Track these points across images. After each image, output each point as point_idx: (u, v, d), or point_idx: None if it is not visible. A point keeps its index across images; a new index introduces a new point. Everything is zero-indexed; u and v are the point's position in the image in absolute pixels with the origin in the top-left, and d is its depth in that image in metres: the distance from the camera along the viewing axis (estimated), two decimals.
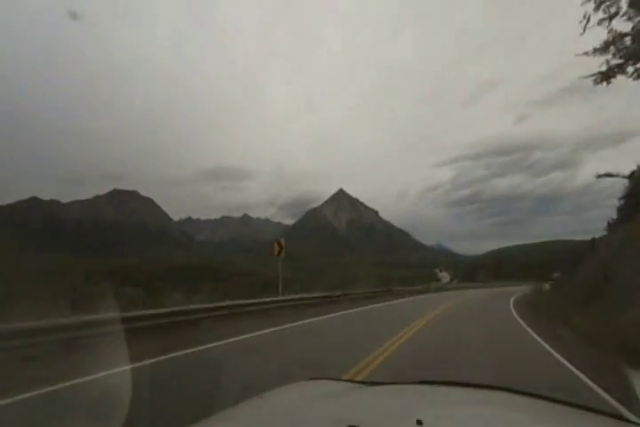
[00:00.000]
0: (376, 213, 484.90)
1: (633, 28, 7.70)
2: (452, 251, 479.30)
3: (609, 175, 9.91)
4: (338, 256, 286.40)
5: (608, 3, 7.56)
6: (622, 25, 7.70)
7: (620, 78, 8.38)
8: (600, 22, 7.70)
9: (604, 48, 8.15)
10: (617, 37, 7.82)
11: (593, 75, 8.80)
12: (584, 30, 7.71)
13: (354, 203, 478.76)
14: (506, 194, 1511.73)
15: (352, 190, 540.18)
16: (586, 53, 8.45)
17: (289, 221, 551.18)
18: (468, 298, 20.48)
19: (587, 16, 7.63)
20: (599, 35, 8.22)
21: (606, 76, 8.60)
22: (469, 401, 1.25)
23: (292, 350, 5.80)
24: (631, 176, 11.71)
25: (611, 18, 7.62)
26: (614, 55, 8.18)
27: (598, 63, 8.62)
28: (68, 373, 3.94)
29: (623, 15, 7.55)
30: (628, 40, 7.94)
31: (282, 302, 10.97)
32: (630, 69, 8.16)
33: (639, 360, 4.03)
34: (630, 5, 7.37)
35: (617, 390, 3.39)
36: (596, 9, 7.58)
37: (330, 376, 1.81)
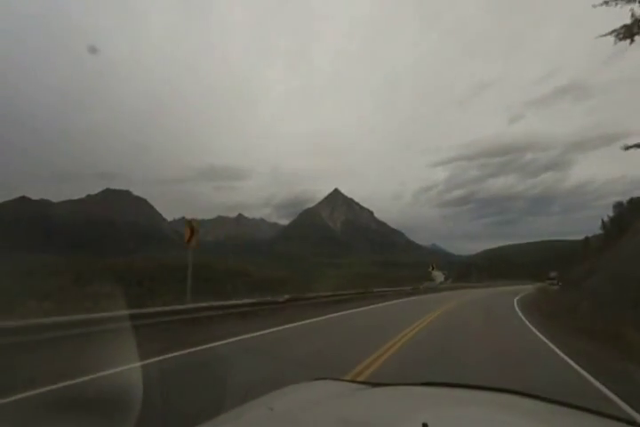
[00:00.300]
0: (371, 213, 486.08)
1: None
2: (446, 251, 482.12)
3: None
4: (333, 256, 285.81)
5: None
6: None
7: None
8: None
9: None
10: None
11: (614, 31, 7.39)
12: None
13: (349, 203, 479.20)
14: (499, 194, 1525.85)
15: (347, 190, 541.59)
16: (606, 3, 7.13)
17: (284, 222, 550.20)
18: (464, 302, 17.04)
19: None
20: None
21: (630, 31, 7.24)
22: (475, 403, 1.21)
23: None
24: None
25: None
26: None
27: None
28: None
29: None
30: None
31: (170, 315, 6.66)
32: None
33: None
34: None
35: None
36: None
37: (335, 377, 1.76)
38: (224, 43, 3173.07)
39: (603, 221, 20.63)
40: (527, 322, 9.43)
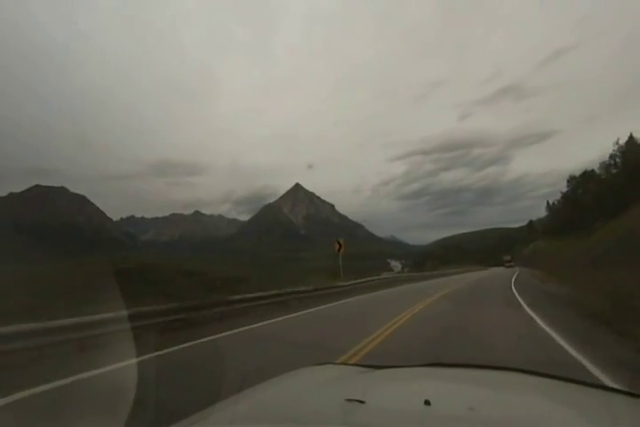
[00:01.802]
0: (332, 207, 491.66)
1: None
2: (403, 242, 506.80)
3: None
4: (294, 251, 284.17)
5: None
6: None
7: None
8: None
9: None
10: None
11: None
12: None
13: (310, 197, 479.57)
14: (451, 187, 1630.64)
15: (309, 185, 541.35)
16: None
17: (244, 217, 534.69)
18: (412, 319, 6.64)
19: None
20: None
21: None
22: (479, 382, 1.23)
23: None
24: None
25: None
26: None
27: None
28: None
29: None
30: None
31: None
32: None
33: None
34: None
35: None
36: None
37: (335, 362, 1.87)
38: (179, 33, 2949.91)
39: (548, 203, 21.53)
40: None
